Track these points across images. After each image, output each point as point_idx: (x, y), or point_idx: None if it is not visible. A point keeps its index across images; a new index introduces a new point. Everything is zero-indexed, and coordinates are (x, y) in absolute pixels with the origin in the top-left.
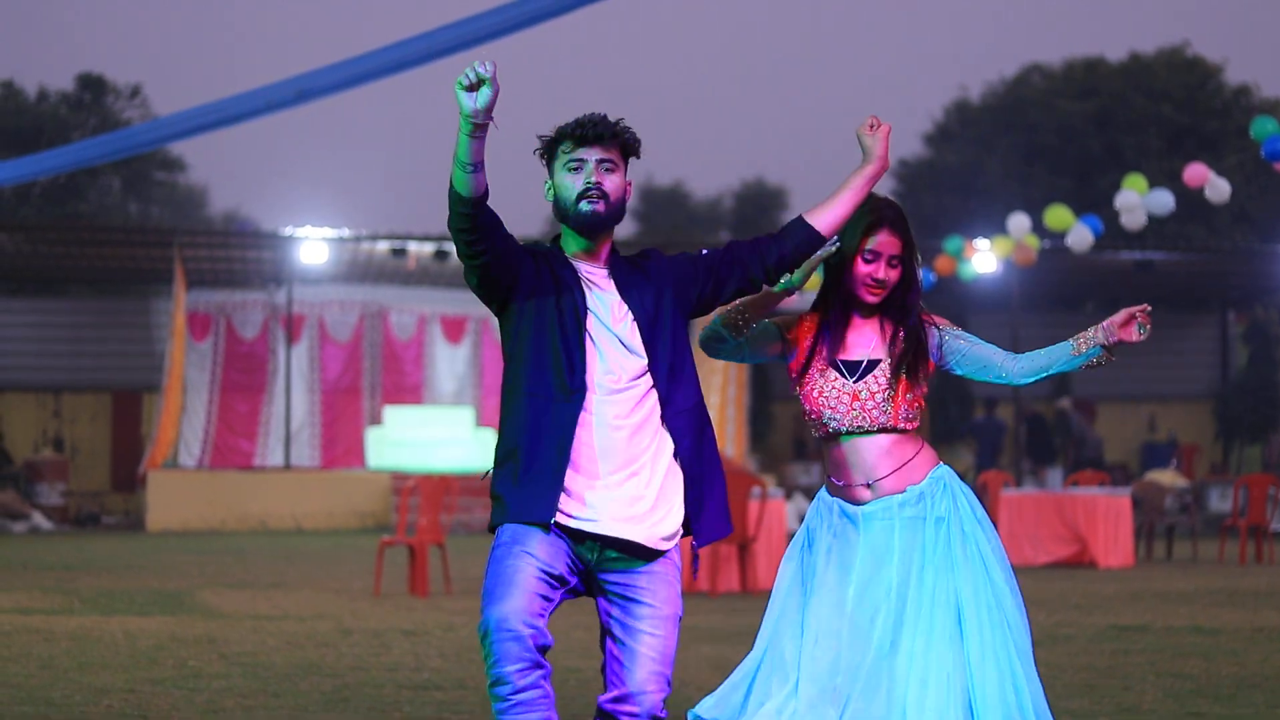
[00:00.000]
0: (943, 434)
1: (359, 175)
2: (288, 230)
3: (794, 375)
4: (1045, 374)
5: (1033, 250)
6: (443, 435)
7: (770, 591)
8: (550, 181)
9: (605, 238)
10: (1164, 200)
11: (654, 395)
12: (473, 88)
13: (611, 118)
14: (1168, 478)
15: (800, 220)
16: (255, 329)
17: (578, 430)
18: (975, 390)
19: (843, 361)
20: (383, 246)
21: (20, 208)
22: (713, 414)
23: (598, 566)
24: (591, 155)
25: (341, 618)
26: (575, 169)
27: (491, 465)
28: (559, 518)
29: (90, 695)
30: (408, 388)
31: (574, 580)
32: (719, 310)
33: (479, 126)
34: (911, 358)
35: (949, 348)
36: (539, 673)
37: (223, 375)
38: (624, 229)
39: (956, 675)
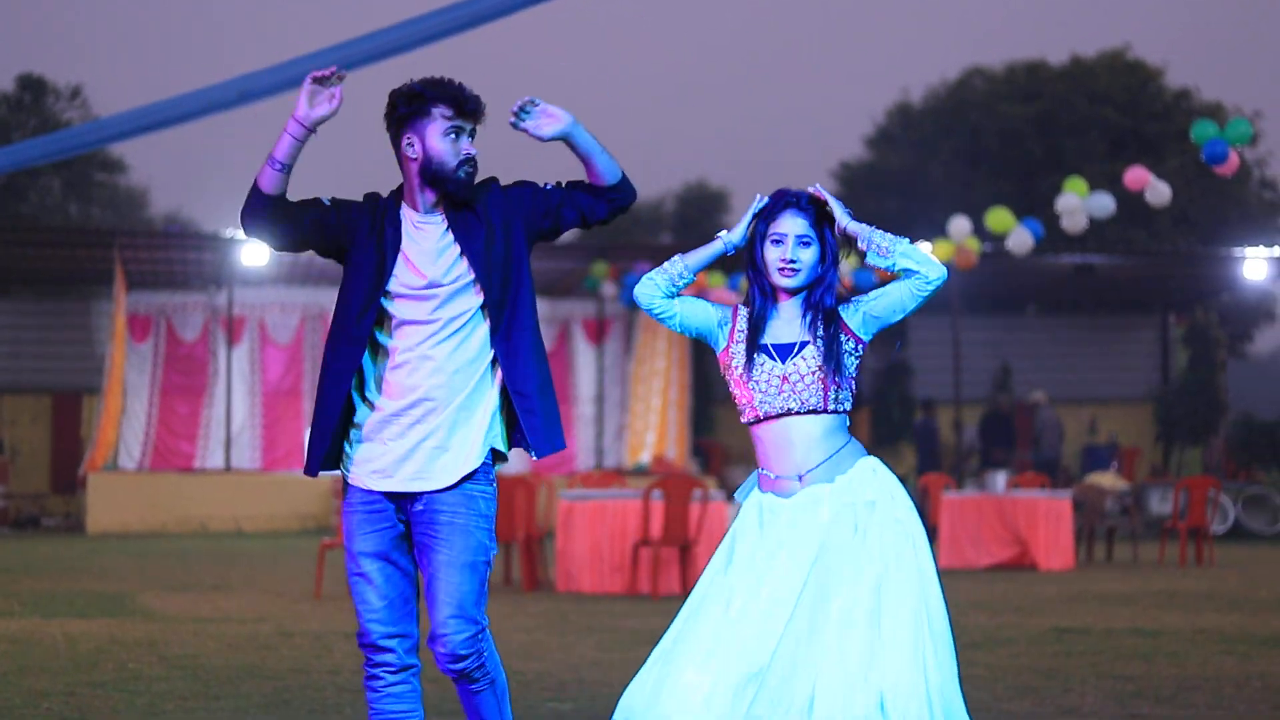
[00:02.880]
0: (885, 436)
1: (300, 177)
2: (228, 232)
3: (726, 365)
4: (913, 255)
5: (974, 253)
6: None
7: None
8: (412, 137)
9: None
10: (1105, 203)
11: (481, 332)
12: (320, 80)
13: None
14: (1108, 480)
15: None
16: (196, 331)
17: (385, 374)
18: (915, 392)
19: (772, 345)
20: None
21: None
22: (653, 417)
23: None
24: (467, 125)
25: (282, 620)
26: (454, 137)
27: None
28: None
29: (29, 698)
30: None
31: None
32: (661, 266)
33: (306, 130)
34: (831, 339)
35: (869, 313)
36: None
37: (163, 377)
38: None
39: (871, 656)
